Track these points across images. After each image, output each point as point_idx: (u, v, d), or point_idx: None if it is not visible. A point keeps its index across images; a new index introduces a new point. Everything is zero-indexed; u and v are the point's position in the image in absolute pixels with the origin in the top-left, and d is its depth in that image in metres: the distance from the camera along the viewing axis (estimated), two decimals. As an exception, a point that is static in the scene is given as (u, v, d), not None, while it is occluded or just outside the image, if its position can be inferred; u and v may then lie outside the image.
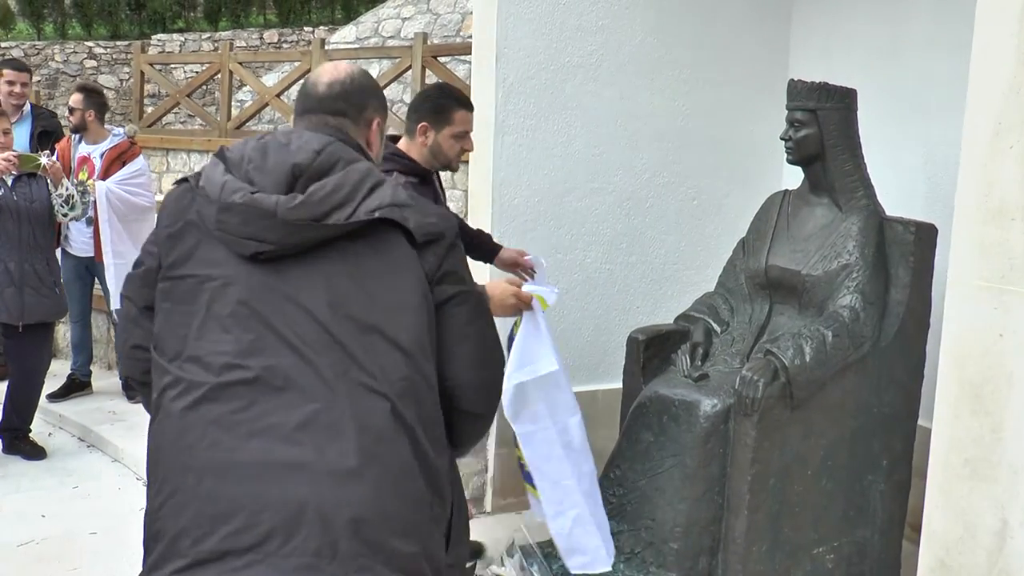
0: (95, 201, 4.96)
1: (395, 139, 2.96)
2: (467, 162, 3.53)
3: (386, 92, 8.39)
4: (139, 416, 4.89)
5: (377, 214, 1.55)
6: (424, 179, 2.90)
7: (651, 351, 3.11)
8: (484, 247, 3.33)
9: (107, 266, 5.02)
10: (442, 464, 1.60)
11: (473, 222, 3.89)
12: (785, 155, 3.04)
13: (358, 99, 1.73)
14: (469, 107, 2.93)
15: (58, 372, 5.30)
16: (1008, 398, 1.64)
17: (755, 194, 3.66)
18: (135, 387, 1.83)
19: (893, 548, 2.91)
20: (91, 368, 5.53)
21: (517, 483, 3.95)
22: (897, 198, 3.19)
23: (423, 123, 2.86)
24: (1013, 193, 1.64)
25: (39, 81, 13.04)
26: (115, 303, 5.04)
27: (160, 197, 5.89)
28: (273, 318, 1.52)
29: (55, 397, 5.23)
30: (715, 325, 3.13)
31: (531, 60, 3.69)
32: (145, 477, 1.59)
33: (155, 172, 8.28)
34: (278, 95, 8.18)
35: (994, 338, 1.66)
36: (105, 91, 6.61)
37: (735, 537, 2.68)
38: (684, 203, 4.16)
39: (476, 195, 3.87)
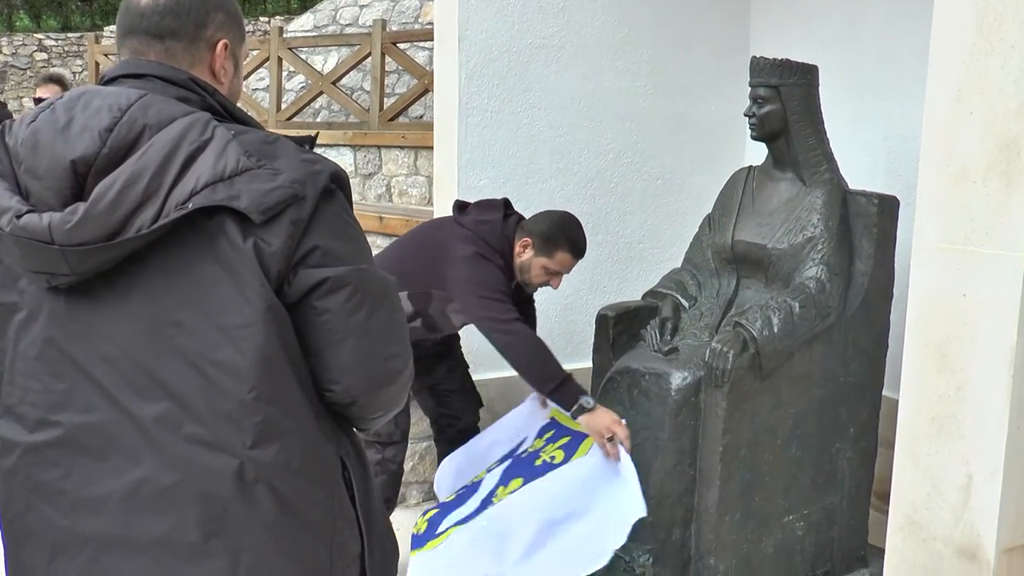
0: None
1: (510, 212, 2.98)
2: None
3: (345, 80, 8.31)
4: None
5: (191, 205, 1.19)
6: (507, 271, 2.93)
7: (620, 327, 3.13)
8: None
9: None
10: (328, 507, 1.34)
11: (437, 206, 3.90)
12: (749, 132, 3.08)
13: (196, 12, 1.34)
14: (577, 254, 2.96)
15: None
16: (972, 356, 1.69)
17: (719, 172, 3.71)
18: None
19: (861, 514, 2.98)
20: None
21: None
22: (859, 173, 3.25)
23: (529, 239, 2.90)
24: (974, 157, 1.69)
25: (-13, 75, 12.77)
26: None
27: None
28: (86, 360, 1.24)
29: None
30: (683, 300, 3.17)
31: (493, 42, 3.69)
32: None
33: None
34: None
35: (958, 298, 1.70)
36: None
37: (707, 508, 2.72)
38: (649, 182, 4.19)
39: (441, 179, 3.88)
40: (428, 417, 3.47)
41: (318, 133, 1.58)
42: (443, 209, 3.88)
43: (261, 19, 14.49)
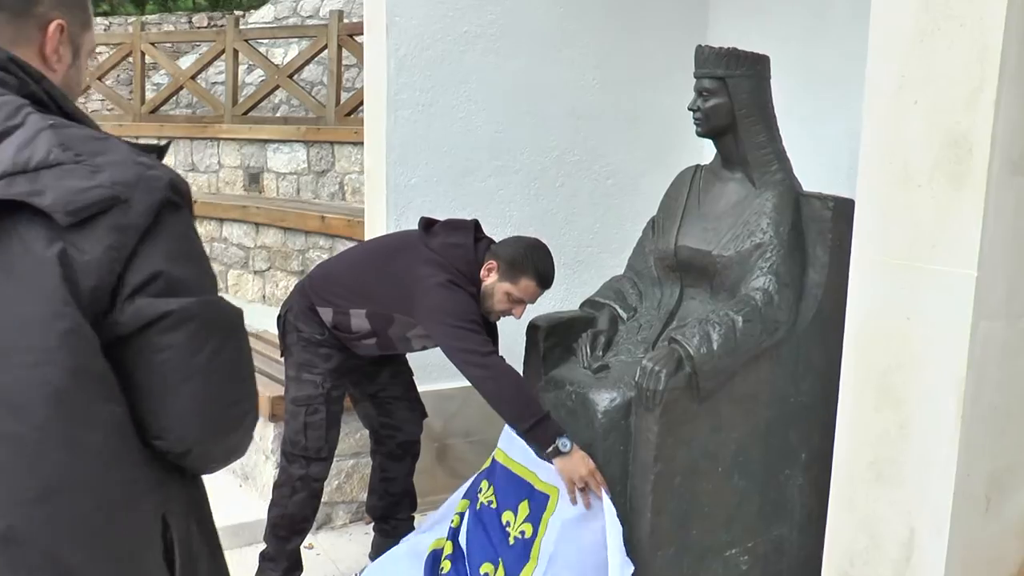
0: None
1: (480, 235, 2.80)
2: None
3: (306, 74, 8.01)
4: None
5: None
6: (476, 297, 2.72)
7: (553, 339, 2.87)
8: None
9: None
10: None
11: (368, 205, 3.63)
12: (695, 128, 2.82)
13: None
14: (542, 283, 2.76)
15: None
16: (916, 389, 1.43)
17: (673, 172, 3.42)
18: None
19: (813, 544, 2.70)
20: None
21: (417, 482, 3.69)
22: (818, 174, 2.99)
23: (495, 263, 2.69)
24: (918, 155, 1.43)
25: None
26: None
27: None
28: None
29: None
30: (621, 311, 2.90)
31: (425, 30, 3.42)
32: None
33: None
34: (192, 77, 7.79)
35: (900, 321, 1.45)
36: None
37: (638, 541, 2.45)
38: (598, 182, 3.93)
39: (371, 175, 3.60)
40: (367, 427, 3.23)
41: (169, 143, 1.38)
42: (375, 210, 3.61)
43: (236, 12, 14.14)
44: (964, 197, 1.34)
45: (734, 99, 2.68)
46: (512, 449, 2.64)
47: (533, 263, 2.71)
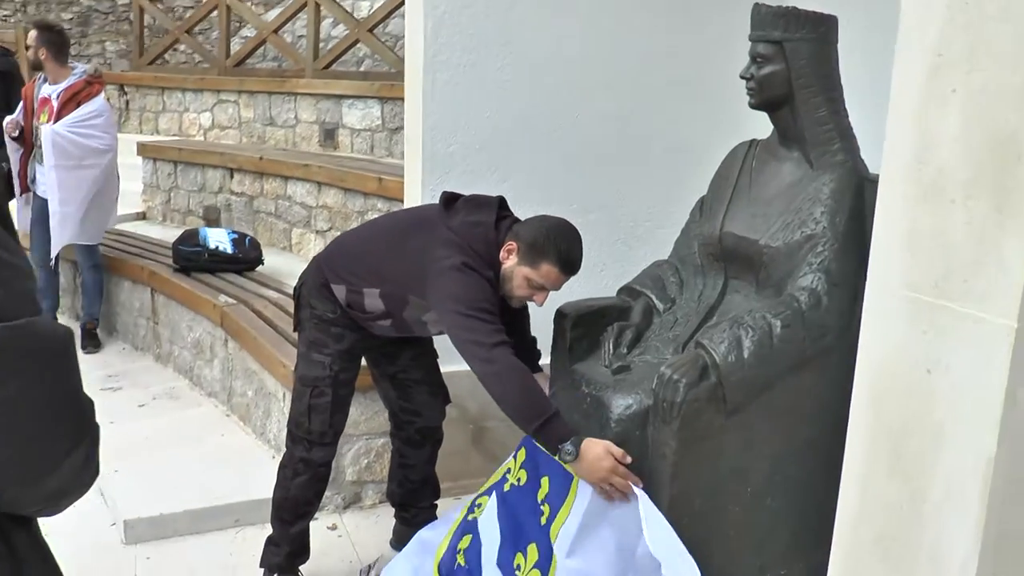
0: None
1: (505, 213, 2.57)
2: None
3: (390, 26, 7.81)
4: (102, 370, 4.63)
5: None
6: (494, 283, 2.50)
7: (581, 329, 2.60)
8: (524, 355, 2.75)
9: (52, 213, 4.67)
10: None
11: (406, 174, 3.42)
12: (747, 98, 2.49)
13: None
14: (565, 268, 2.48)
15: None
16: (935, 460, 1.13)
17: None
18: None
19: (858, 578, 2.41)
20: (56, 316, 5.23)
21: (453, 465, 3.52)
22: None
23: (514, 244, 2.46)
24: (955, 160, 1.11)
25: (71, 20, 12.71)
26: (54, 251, 4.72)
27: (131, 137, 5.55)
28: None
29: None
30: (658, 302, 2.62)
31: (467, -16, 3.15)
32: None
33: (150, 112, 7.92)
34: (276, 31, 7.71)
35: (920, 374, 1.14)
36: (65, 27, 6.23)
37: (654, 565, 2.20)
38: (660, 153, 3.61)
39: (410, 142, 3.38)
40: (387, 408, 3.06)
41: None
42: (411, 178, 3.41)
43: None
44: (1009, 221, 1.02)
45: (791, 66, 2.34)
46: None
47: (555, 246, 2.45)
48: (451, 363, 3.39)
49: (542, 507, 2.36)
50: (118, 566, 3.04)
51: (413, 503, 3.09)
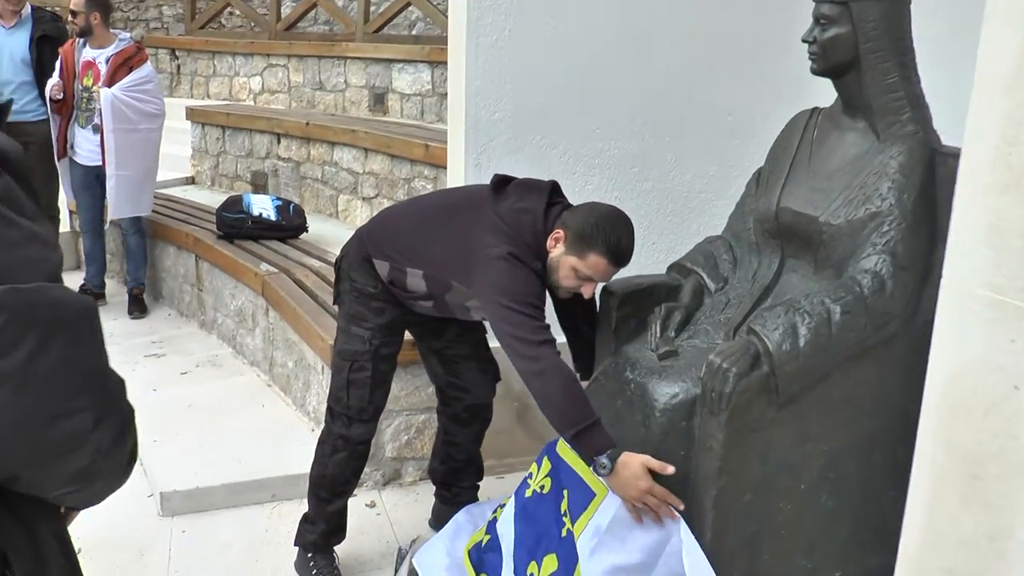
0: (100, 109, 4.59)
1: (557, 199, 2.42)
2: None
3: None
4: (147, 336, 4.64)
5: None
6: (541, 274, 2.37)
7: (628, 308, 2.47)
8: (582, 358, 2.67)
9: (108, 176, 4.65)
10: None
11: (449, 143, 3.29)
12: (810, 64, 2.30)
13: None
14: (615, 259, 2.31)
15: (71, 284, 5.06)
16: (1021, 490, 0.98)
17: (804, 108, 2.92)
18: None
19: (918, 581, 2.25)
20: (104, 280, 5.24)
21: (496, 443, 3.43)
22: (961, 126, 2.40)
23: (562, 232, 2.32)
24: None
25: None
26: (112, 215, 4.72)
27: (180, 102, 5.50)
28: None
29: None
30: (709, 281, 2.47)
31: (513, -60, 2.99)
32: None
33: (201, 76, 7.89)
34: (327, -7, 7.60)
35: (1006, 390, 0.99)
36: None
37: (697, 563, 2.08)
38: (715, 120, 3.42)
39: (453, 106, 3.25)
40: (434, 384, 2.97)
41: (11, 101, 1.21)
42: (454, 147, 3.27)
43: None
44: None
45: (858, 28, 2.15)
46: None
47: (604, 236, 2.29)
48: (491, 340, 3.29)
49: (564, 519, 2.26)
50: (153, 539, 3.02)
51: (455, 482, 3.00)
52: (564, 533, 2.26)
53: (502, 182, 2.48)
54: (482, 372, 2.86)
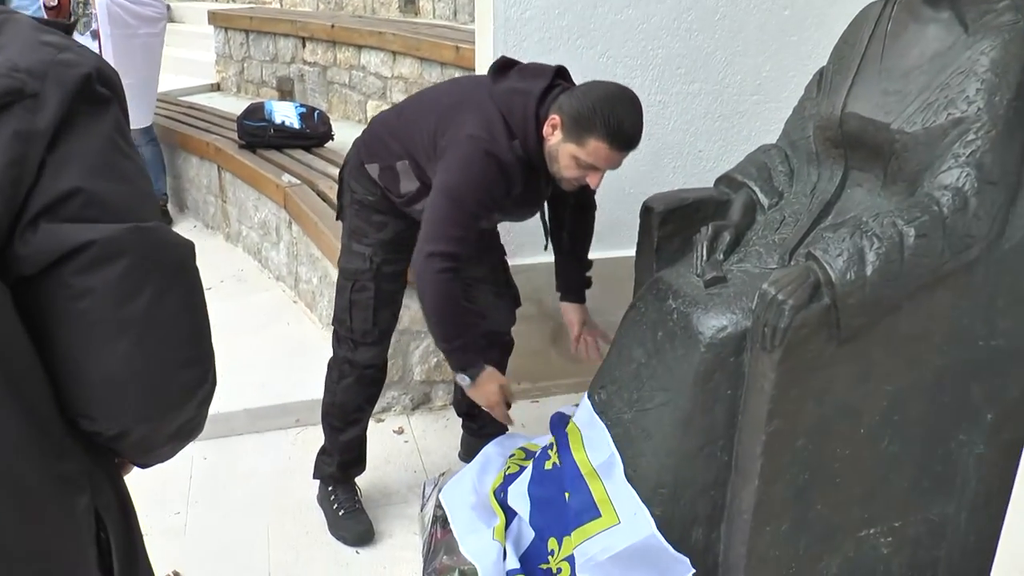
0: (96, 13, 4.34)
1: (560, 82, 2.19)
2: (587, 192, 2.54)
3: None
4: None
5: None
6: (535, 167, 2.17)
7: (671, 226, 2.24)
8: (571, 280, 2.64)
9: None
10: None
11: (477, 43, 3.01)
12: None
13: None
14: (617, 143, 2.05)
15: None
16: None
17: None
18: None
19: (988, 529, 2.04)
20: None
21: (531, 365, 3.26)
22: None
23: (558, 117, 2.06)
24: None
25: None
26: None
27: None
28: None
29: None
30: (762, 196, 2.21)
31: None
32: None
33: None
34: None
35: None
36: None
37: (741, 510, 1.89)
38: (770, 13, 3.09)
39: (480, 3, 2.96)
40: None
41: (76, 20, 1.03)
42: (481, 48, 3.00)
43: None
44: None
45: (948, -102, 1.83)
46: (589, 431, 2.14)
47: (603, 119, 2.02)
48: (527, 255, 3.08)
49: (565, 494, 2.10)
50: (174, 465, 2.85)
51: (480, 412, 2.83)
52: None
53: (506, 65, 2.24)
54: (498, 296, 2.67)
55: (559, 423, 2.28)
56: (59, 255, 0.84)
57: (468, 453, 2.83)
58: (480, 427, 2.82)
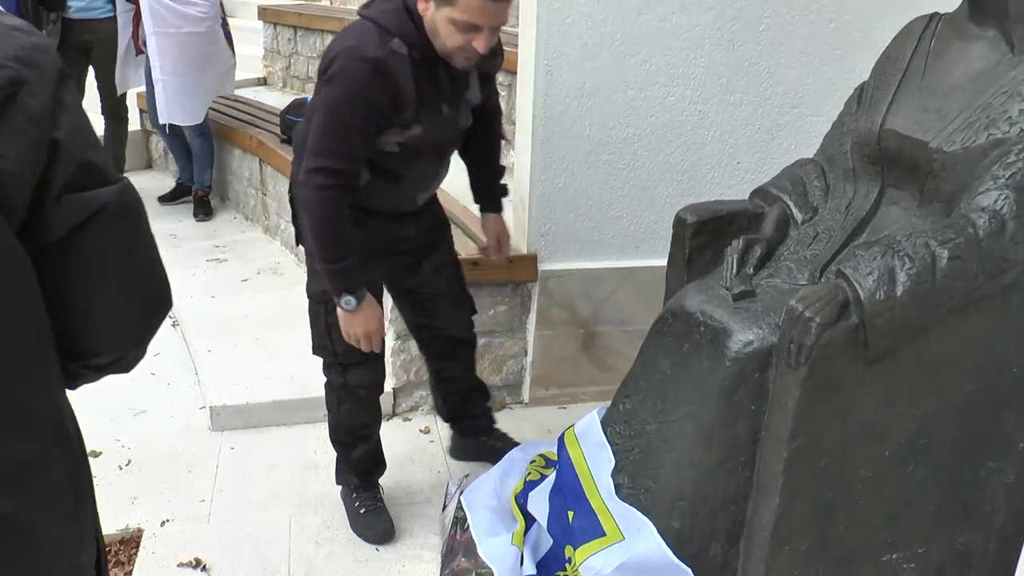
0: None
1: None
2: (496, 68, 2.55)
3: None
4: (210, 240, 4.56)
5: None
6: (428, 59, 2.11)
7: (705, 238, 2.22)
8: (484, 190, 2.61)
9: (155, 80, 4.50)
10: (75, 527, 1.02)
11: (521, 50, 3.02)
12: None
13: None
14: None
15: (139, 184, 5.01)
16: None
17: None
18: None
19: (1015, 559, 1.99)
20: (192, 175, 5.08)
21: (559, 371, 3.26)
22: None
23: None
24: None
25: None
26: (160, 118, 4.56)
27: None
28: None
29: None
30: (796, 210, 2.19)
31: None
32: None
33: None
34: None
35: None
36: None
37: (761, 527, 1.87)
38: (816, 25, 3.05)
39: (523, 6, 2.96)
40: (408, 327, 2.77)
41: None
42: (524, 55, 3.01)
43: None
44: None
45: (997, -86, 1.79)
46: (586, 442, 2.13)
47: None
48: (559, 261, 3.08)
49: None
50: (203, 452, 2.96)
51: (464, 414, 2.86)
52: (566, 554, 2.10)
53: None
54: (456, 307, 2.66)
55: (563, 444, 2.27)
56: (81, 221, 0.92)
57: (462, 453, 2.91)
58: (468, 427, 2.88)
